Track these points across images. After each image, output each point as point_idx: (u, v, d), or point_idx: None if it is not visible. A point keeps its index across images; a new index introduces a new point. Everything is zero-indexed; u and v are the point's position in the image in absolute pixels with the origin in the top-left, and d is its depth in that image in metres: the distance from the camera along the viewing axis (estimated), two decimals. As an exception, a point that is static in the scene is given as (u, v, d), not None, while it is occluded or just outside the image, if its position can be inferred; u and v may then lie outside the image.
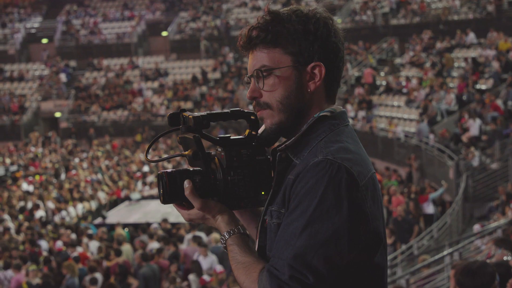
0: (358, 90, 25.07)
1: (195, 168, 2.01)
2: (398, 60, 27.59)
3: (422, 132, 19.31)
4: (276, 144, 2.08)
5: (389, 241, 12.74)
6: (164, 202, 1.99)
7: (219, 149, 2.03)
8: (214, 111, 2.04)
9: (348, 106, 23.94)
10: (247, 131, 2.07)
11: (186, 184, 1.96)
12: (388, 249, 12.59)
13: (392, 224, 13.89)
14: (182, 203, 2.03)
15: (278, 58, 1.97)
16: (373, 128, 21.97)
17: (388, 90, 24.67)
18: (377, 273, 1.93)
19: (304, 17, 1.98)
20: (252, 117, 2.06)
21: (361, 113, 23.19)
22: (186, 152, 2.03)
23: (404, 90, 23.58)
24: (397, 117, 22.38)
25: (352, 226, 1.82)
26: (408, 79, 24.27)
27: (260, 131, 2.07)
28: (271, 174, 2.05)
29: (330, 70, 2.01)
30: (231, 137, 2.04)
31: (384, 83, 25.73)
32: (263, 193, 2.03)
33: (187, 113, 2.02)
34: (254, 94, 2.01)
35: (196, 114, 2.01)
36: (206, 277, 10.57)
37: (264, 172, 2.03)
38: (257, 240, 2.06)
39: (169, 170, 1.98)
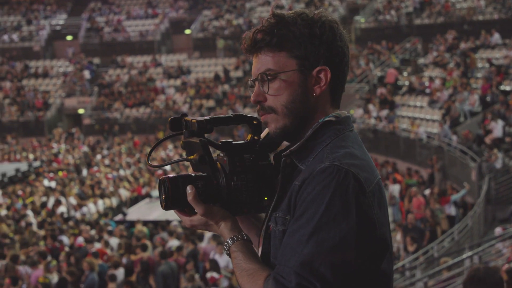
0: (381, 90, 24.94)
1: (197, 173, 1.98)
2: (421, 60, 27.39)
3: (446, 135, 19.17)
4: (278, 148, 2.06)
5: (411, 248, 12.63)
6: (166, 208, 1.95)
7: (221, 154, 2.00)
8: (217, 116, 2.02)
9: (370, 106, 23.84)
10: (249, 135, 2.04)
11: (189, 189, 1.93)
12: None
13: (402, 231, 13.77)
14: (184, 209, 2.00)
15: (283, 62, 1.94)
16: (395, 128, 21.84)
17: (411, 90, 24.51)
18: (383, 280, 1.90)
19: (310, 20, 1.95)
20: (254, 122, 2.03)
21: (383, 113, 23.06)
22: (192, 157, 2.00)
23: (427, 91, 23.41)
24: (420, 118, 22.22)
25: (360, 233, 1.80)
26: (431, 79, 24.09)
27: (262, 135, 2.04)
28: (274, 179, 2.01)
29: (335, 75, 1.97)
30: (233, 142, 2.01)
31: (407, 83, 25.57)
32: (266, 198, 2.00)
33: (189, 118, 2.00)
34: (258, 98, 1.98)
35: (199, 118, 1.98)
36: (215, 275, 10.58)
37: (267, 177, 2.00)
38: (261, 246, 2.03)
39: (171, 175, 1.95)
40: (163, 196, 1.94)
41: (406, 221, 14.33)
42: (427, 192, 16.45)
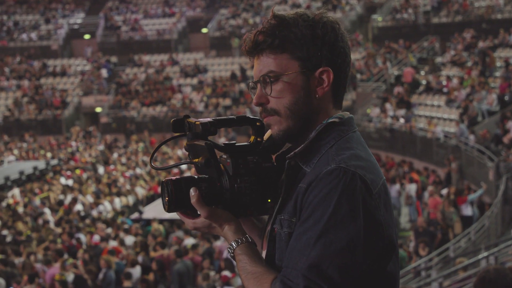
0: (398, 89, 24.83)
1: (200, 176, 1.97)
2: (439, 59, 27.23)
3: (463, 134, 19.04)
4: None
5: (423, 252, 12.54)
6: (169, 210, 1.94)
7: (224, 156, 1.99)
8: (220, 117, 2.01)
9: (387, 105, 23.74)
10: (252, 137, 2.03)
11: (192, 192, 1.92)
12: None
13: (414, 234, 13.64)
14: (186, 211, 1.99)
15: (285, 64, 1.93)
16: (412, 127, 21.74)
17: (428, 89, 24.37)
18: (390, 281, 1.89)
19: (311, 21, 1.93)
20: (257, 124, 2.02)
21: (400, 112, 22.96)
22: (197, 160, 1.99)
23: (445, 90, 23.27)
24: (437, 117, 22.09)
25: (367, 234, 1.79)
26: (449, 78, 23.94)
27: (265, 137, 2.03)
28: (277, 181, 2.00)
29: (338, 75, 1.96)
30: (237, 144, 2.00)
31: (424, 82, 25.44)
32: (269, 200, 1.99)
33: (192, 120, 1.99)
34: (261, 100, 1.97)
35: (202, 120, 1.97)
36: (228, 274, 10.59)
37: (271, 180, 1.99)
38: (265, 249, 2.01)
39: (174, 178, 1.94)
40: (166, 198, 1.93)
41: (416, 224, 14.22)
42: (444, 191, 16.35)
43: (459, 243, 12.98)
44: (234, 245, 1.94)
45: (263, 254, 2.02)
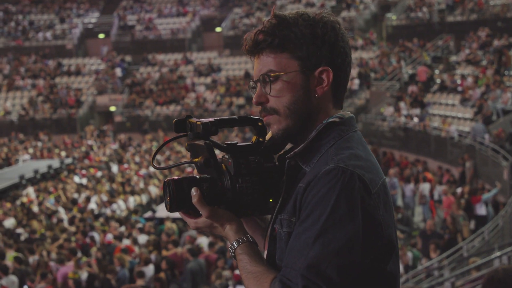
0: (412, 88, 24.73)
1: (202, 176, 1.98)
2: (453, 58, 27.10)
3: (477, 132, 18.91)
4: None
5: (434, 255, 12.47)
6: (171, 210, 1.95)
7: (226, 156, 1.99)
8: (222, 117, 2.01)
9: (401, 104, 23.66)
10: (254, 137, 2.03)
11: (194, 191, 1.93)
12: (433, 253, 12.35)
13: (420, 237, 13.54)
14: (188, 211, 2.00)
15: (285, 63, 1.93)
16: (426, 126, 21.64)
17: (443, 88, 24.25)
18: (390, 281, 1.89)
19: (311, 21, 1.94)
20: (259, 124, 2.02)
21: (415, 111, 22.87)
22: (197, 159, 2.00)
23: (459, 89, 23.15)
24: (451, 116, 21.98)
25: (366, 234, 1.79)
26: (463, 77, 23.81)
27: (267, 137, 2.03)
28: (279, 181, 2.00)
29: (338, 75, 1.96)
30: (238, 144, 2.01)
31: (438, 81, 25.32)
32: (271, 200, 1.99)
33: (194, 120, 1.99)
34: (260, 99, 1.97)
35: (204, 120, 1.98)
36: (239, 272, 10.60)
37: (273, 179, 1.99)
38: (266, 248, 2.02)
39: (175, 178, 1.94)
40: (168, 198, 1.94)
41: (424, 227, 14.11)
42: (458, 191, 16.28)
43: (472, 242, 12.90)
44: (235, 244, 1.95)
45: (265, 254, 2.02)
